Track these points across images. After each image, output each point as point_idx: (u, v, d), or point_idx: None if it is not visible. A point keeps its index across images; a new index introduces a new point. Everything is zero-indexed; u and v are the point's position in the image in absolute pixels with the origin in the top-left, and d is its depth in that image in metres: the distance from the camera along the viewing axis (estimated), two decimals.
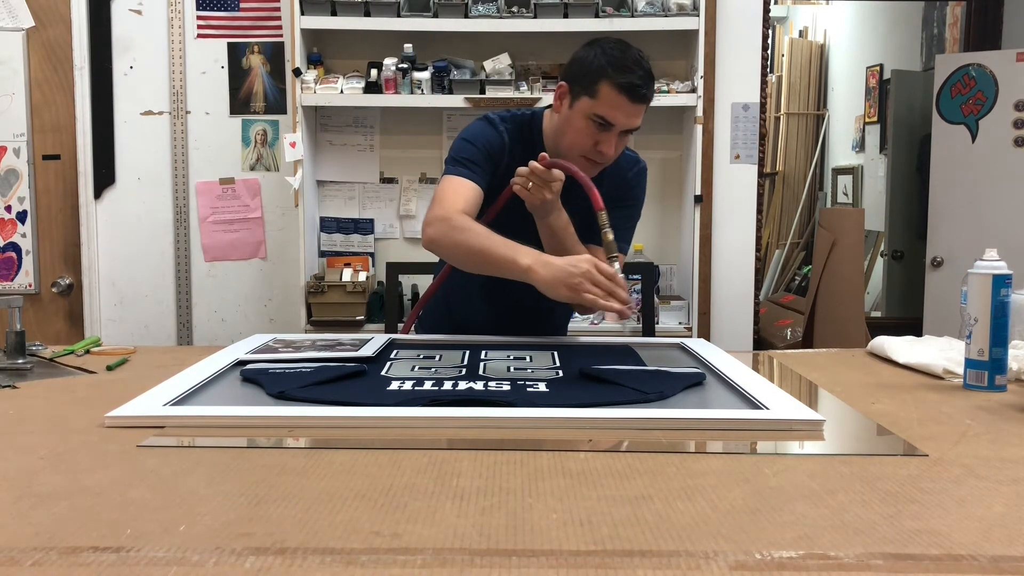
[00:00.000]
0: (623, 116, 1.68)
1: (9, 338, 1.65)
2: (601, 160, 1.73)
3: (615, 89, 1.66)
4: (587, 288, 1.48)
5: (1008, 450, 1.12)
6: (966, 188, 3.67)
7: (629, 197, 1.89)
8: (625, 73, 1.66)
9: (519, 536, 0.81)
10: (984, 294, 1.45)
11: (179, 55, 3.29)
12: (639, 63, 1.69)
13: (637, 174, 1.90)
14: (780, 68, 5.98)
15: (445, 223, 1.66)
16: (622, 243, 1.83)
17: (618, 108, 1.67)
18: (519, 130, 1.83)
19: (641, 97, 1.68)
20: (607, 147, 1.70)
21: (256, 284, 3.40)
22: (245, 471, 1.00)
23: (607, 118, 1.68)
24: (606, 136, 1.70)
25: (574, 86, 1.72)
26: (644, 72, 1.69)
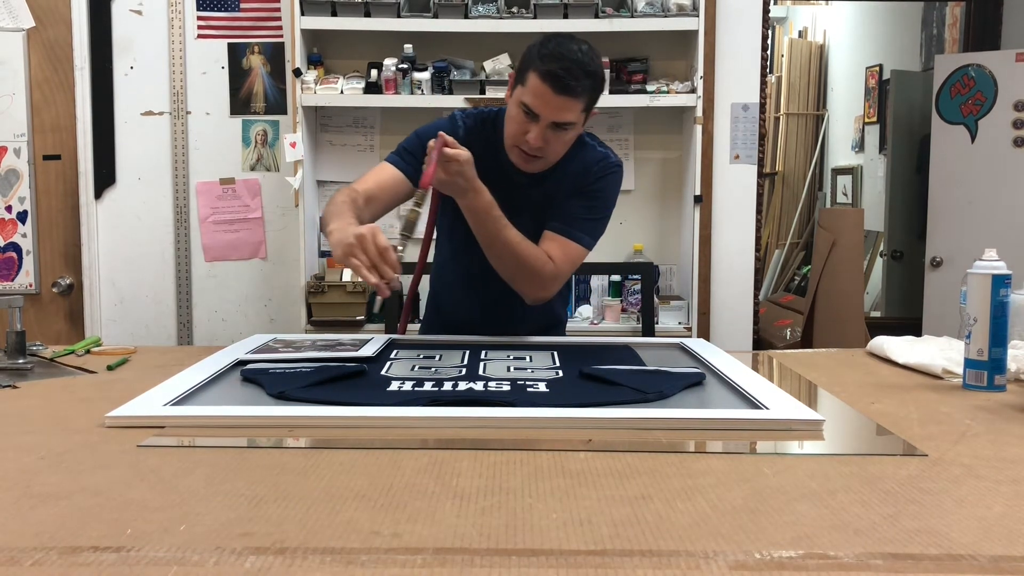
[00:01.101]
0: (546, 106, 1.66)
1: (9, 338, 1.65)
2: (528, 149, 1.71)
3: (539, 77, 1.65)
4: (355, 254, 1.45)
5: (1008, 450, 1.12)
6: (966, 188, 3.67)
7: (591, 188, 1.82)
8: (550, 62, 1.64)
9: (519, 536, 0.81)
10: (983, 294, 1.45)
11: (179, 55, 3.29)
12: (571, 56, 1.66)
13: (603, 167, 1.84)
14: (780, 68, 5.98)
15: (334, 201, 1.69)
16: (582, 235, 1.80)
17: (541, 97, 1.66)
18: (480, 126, 1.84)
19: (566, 88, 1.65)
20: (533, 137, 1.69)
21: (256, 284, 3.40)
22: (245, 471, 1.00)
23: (531, 106, 1.67)
24: (534, 126, 1.69)
25: (516, 75, 1.74)
26: (573, 64, 1.65)
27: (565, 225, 1.79)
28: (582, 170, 1.83)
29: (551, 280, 1.79)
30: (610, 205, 1.87)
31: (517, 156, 1.75)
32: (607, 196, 1.85)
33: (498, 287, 1.79)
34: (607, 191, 1.84)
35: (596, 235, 1.85)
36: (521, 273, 1.76)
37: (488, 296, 1.89)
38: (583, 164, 1.83)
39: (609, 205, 1.86)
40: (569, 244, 1.79)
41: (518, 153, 1.75)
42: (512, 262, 1.74)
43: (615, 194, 1.87)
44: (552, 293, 1.83)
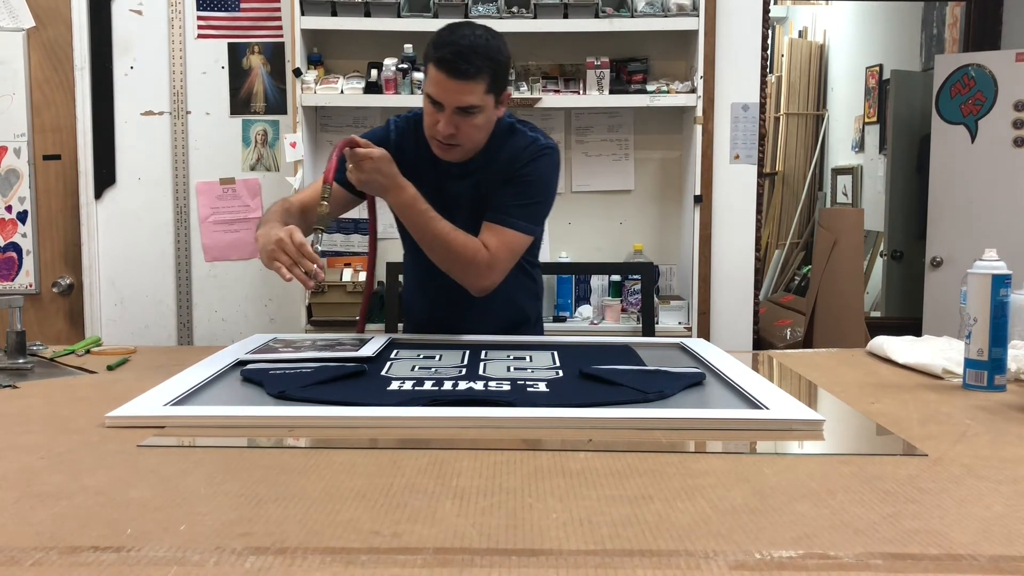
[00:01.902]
0: (445, 92, 1.70)
1: (9, 338, 1.65)
2: (440, 138, 1.75)
3: (434, 66, 1.70)
4: (277, 255, 1.54)
5: (1007, 450, 1.12)
6: (965, 188, 3.67)
7: (521, 173, 1.82)
8: (442, 50, 1.69)
9: (519, 536, 0.81)
10: (983, 294, 1.45)
11: (179, 55, 3.29)
12: (462, 41, 1.69)
13: (533, 151, 1.83)
14: (780, 68, 5.98)
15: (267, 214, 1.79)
16: (517, 221, 1.80)
17: (439, 84, 1.70)
18: (410, 126, 1.90)
19: (460, 72, 1.68)
20: (442, 126, 1.73)
21: (256, 284, 3.40)
22: (245, 471, 1.00)
23: (433, 95, 1.72)
24: (441, 115, 1.73)
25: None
26: (463, 48, 1.68)
27: (499, 213, 1.81)
28: (512, 157, 1.84)
29: (487, 268, 1.78)
30: (544, 188, 1.86)
31: (436, 147, 1.79)
32: (539, 179, 1.84)
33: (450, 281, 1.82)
34: (538, 174, 1.84)
35: (534, 219, 1.85)
36: (456, 263, 1.78)
37: (443, 291, 1.89)
38: (512, 151, 1.84)
39: (543, 188, 1.86)
40: (504, 231, 1.80)
41: (436, 144, 1.78)
42: (444, 253, 1.77)
43: (550, 176, 1.87)
44: (492, 282, 1.81)
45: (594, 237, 3.41)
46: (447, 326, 1.94)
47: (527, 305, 2.04)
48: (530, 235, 1.84)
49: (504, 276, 1.83)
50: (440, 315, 1.96)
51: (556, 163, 1.89)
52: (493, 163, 1.84)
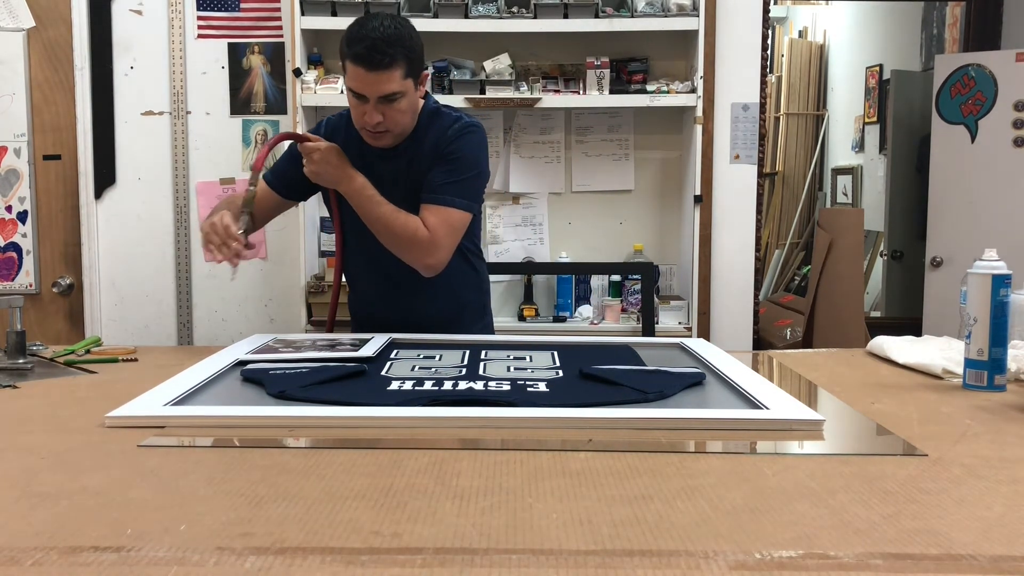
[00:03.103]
0: (366, 85, 1.79)
1: (10, 338, 1.65)
2: (371, 128, 1.84)
3: (351, 62, 1.79)
4: (206, 240, 1.73)
5: (1008, 450, 1.12)
6: (966, 188, 3.67)
7: (449, 151, 1.89)
8: (354, 46, 1.78)
9: (519, 536, 0.81)
10: (983, 294, 1.45)
11: (179, 55, 3.29)
12: (372, 34, 1.77)
13: (456, 130, 1.91)
14: (780, 68, 5.98)
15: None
16: (452, 198, 1.87)
17: (359, 79, 1.79)
18: (338, 120, 2.01)
19: (376, 64, 1.76)
20: (369, 117, 1.82)
21: (256, 284, 3.40)
22: (245, 471, 1.00)
23: (354, 89, 1.81)
24: (366, 107, 1.81)
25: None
26: (375, 40, 1.76)
27: (433, 193, 1.88)
28: (438, 137, 1.92)
29: (430, 245, 1.85)
30: (473, 164, 1.92)
31: (368, 137, 1.88)
32: (467, 155, 1.90)
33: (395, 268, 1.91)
34: (465, 150, 1.90)
35: (468, 195, 1.91)
36: (401, 243, 1.86)
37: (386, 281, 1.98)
38: (438, 131, 1.92)
39: (472, 164, 1.92)
40: (440, 210, 1.87)
41: (367, 134, 1.87)
42: (390, 235, 1.85)
43: (477, 152, 1.93)
44: (438, 260, 1.88)
45: (594, 237, 3.41)
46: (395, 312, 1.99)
47: (469, 295, 2.09)
48: (467, 211, 1.91)
49: (450, 253, 1.90)
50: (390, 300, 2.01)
51: (482, 140, 1.96)
52: (420, 143, 1.92)
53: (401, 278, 1.94)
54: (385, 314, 2.01)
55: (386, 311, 2.01)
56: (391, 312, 2.00)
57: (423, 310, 1.99)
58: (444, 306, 2.01)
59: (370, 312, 2.05)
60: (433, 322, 1.97)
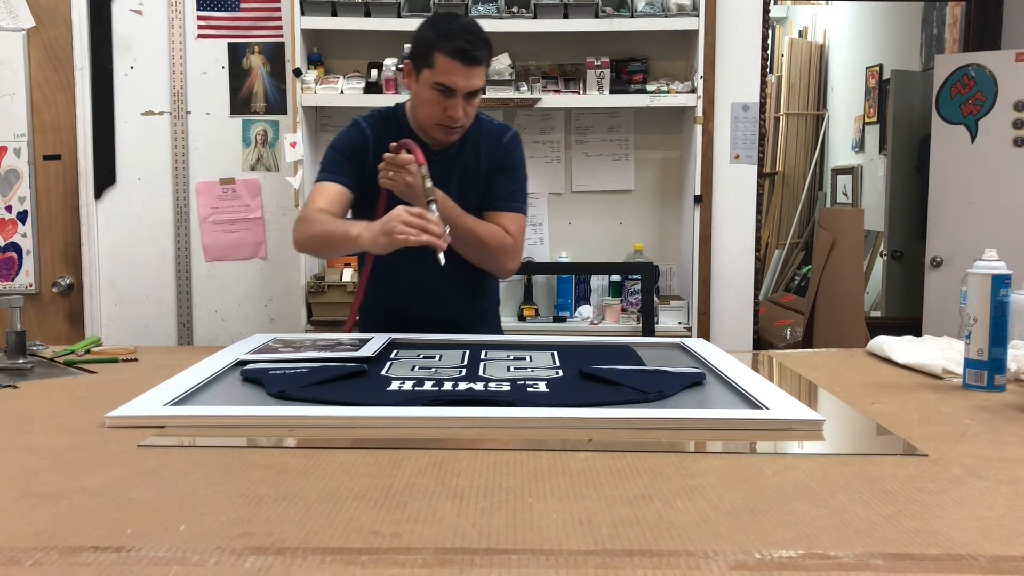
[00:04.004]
0: (460, 79, 1.82)
1: (9, 338, 1.65)
2: (452, 123, 1.87)
3: (447, 56, 1.81)
4: (400, 229, 1.65)
5: (1008, 450, 1.12)
6: (965, 188, 3.67)
7: (509, 161, 1.99)
8: (453, 40, 1.81)
9: (519, 536, 0.81)
10: (983, 294, 1.45)
11: (179, 55, 3.29)
12: (467, 29, 1.84)
13: (511, 139, 2.01)
14: (780, 68, 5.98)
15: (303, 222, 1.87)
16: (519, 204, 1.98)
17: (453, 73, 1.82)
18: (383, 123, 1.99)
19: (473, 59, 1.82)
20: (454, 111, 1.85)
21: (256, 284, 3.40)
22: (245, 471, 1.00)
23: (446, 84, 1.82)
24: (452, 101, 1.84)
25: (415, 62, 1.88)
26: (472, 36, 1.83)
27: (504, 201, 1.97)
28: (491, 142, 1.99)
29: (514, 251, 1.96)
30: (525, 171, 2.04)
31: (439, 133, 1.90)
32: (521, 163, 2.03)
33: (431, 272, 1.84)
34: (520, 158, 2.02)
35: (526, 201, 2.04)
36: (490, 251, 1.92)
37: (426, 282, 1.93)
38: (489, 136, 1.99)
39: (525, 171, 2.04)
40: (515, 216, 1.97)
41: (440, 130, 1.89)
42: (479, 243, 1.89)
43: (525, 159, 2.05)
44: (518, 263, 2.00)
45: (594, 237, 3.41)
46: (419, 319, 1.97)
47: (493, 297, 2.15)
48: (526, 216, 2.02)
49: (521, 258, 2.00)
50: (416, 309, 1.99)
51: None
52: (472, 145, 1.96)
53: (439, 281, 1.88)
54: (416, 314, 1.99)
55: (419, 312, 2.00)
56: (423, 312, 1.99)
57: (454, 311, 2.01)
58: (472, 307, 2.06)
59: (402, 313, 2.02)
60: (459, 323, 1.98)
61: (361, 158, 1.94)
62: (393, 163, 1.80)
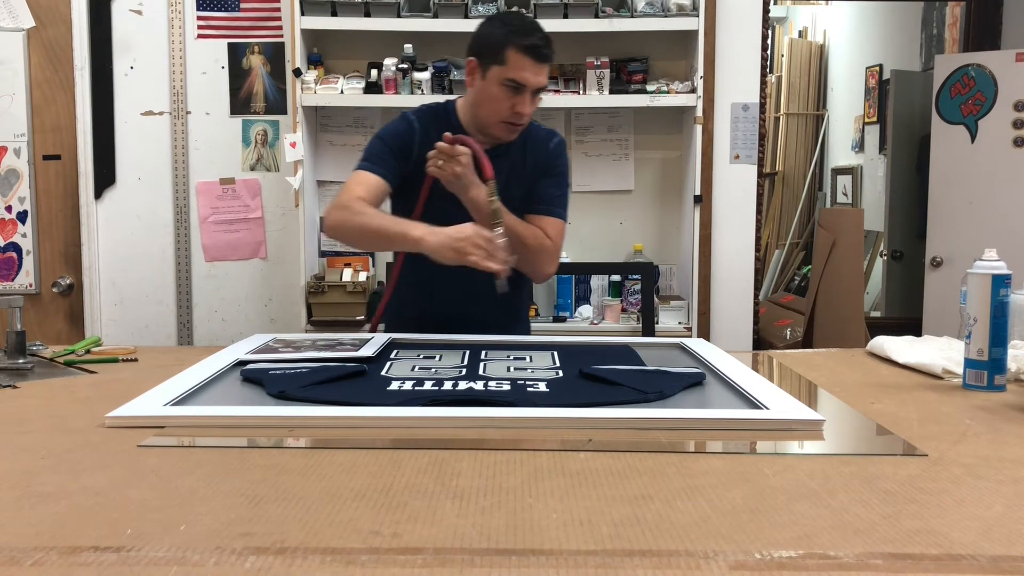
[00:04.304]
0: (532, 76, 1.84)
1: (9, 338, 1.65)
2: (519, 121, 1.89)
3: (521, 52, 1.82)
4: (470, 251, 1.66)
5: (1008, 450, 1.12)
6: (965, 188, 3.67)
7: (555, 166, 2.01)
8: (527, 37, 1.83)
9: (519, 536, 0.81)
10: (983, 294, 1.45)
11: (179, 55, 3.29)
12: (536, 27, 1.87)
13: (558, 144, 2.02)
14: (780, 68, 5.98)
15: (345, 210, 1.83)
16: (561, 210, 2.00)
17: (526, 69, 1.83)
18: (432, 117, 1.98)
19: (544, 57, 1.85)
20: (523, 107, 1.86)
21: (256, 284, 3.40)
22: (245, 471, 1.00)
23: (518, 80, 1.83)
24: (520, 98, 1.85)
25: (482, 59, 1.87)
26: (543, 35, 1.86)
27: (547, 205, 1.97)
28: (538, 145, 2.00)
29: (552, 255, 1.98)
30: (569, 178, 2.07)
31: (502, 130, 1.90)
32: (566, 170, 2.05)
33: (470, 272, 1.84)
34: (565, 165, 2.05)
35: (567, 207, 2.04)
36: (527, 254, 1.90)
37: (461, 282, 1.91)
38: (537, 139, 2.00)
39: (568, 177, 2.07)
40: (556, 221, 1.98)
41: (505, 128, 1.89)
42: (517, 246, 1.86)
43: (569, 166, 2.09)
44: (555, 268, 2.02)
45: (594, 237, 3.41)
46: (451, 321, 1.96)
47: (526, 300, 2.17)
48: (567, 222, 2.03)
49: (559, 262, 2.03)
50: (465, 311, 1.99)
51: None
52: (519, 148, 1.97)
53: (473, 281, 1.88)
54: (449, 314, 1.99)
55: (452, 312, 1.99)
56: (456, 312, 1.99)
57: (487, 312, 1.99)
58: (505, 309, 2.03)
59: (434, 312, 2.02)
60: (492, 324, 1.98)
61: (406, 151, 1.92)
62: (444, 152, 1.79)
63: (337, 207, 1.85)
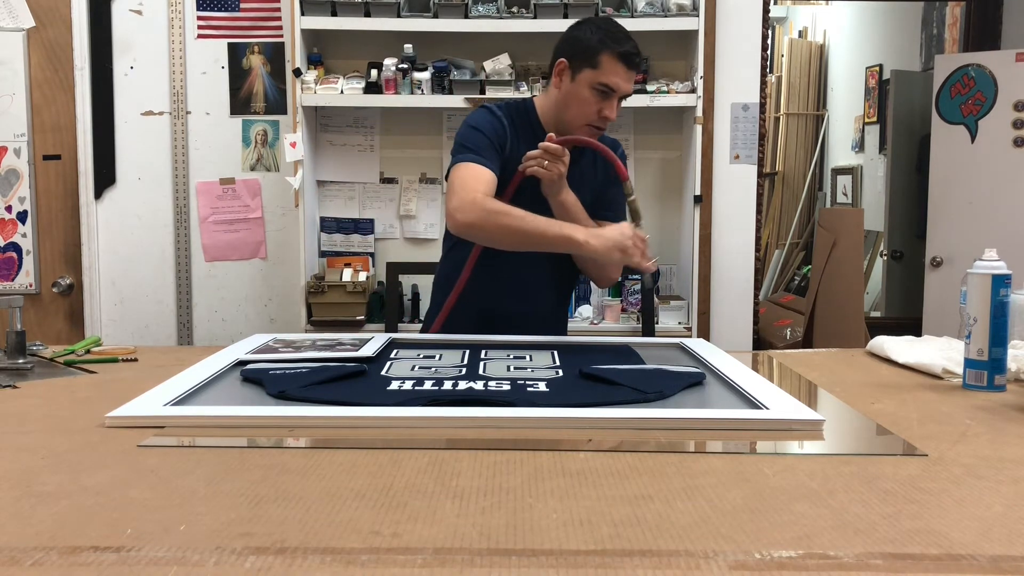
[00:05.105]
0: (623, 82, 1.86)
1: (9, 338, 1.65)
2: (604, 125, 1.91)
3: (615, 58, 1.84)
4: (634, 251, 1.73)
5: (1007, 450, 1.12)
6: (965, 188, 3.67)
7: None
8: (622, 43, 1.85)
9: (519, 536, 0.81)
10: (983, 294, 1.45)
11: (179, 55, 3.29)
12: (629, 36, 1.89)
13: (622, 154, 2.03)
14: (780, 68, 5.98)
15: (481, 208, 1.76)
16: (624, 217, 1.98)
17: (619, 75, 1.85)
18: (517, 115, 1.96)
19: (636, 65, 1.88)
20: (610, 112, 1.87)
21: (256, 284, 3.40)
22: (245, 471, 1.00)
23: (610, 85, 1.85)
24: (608, 103, 1.87)
25: (574, 61, 1.87)
26: (635, 43, 1.89)
27: (615, 213, 2.00)
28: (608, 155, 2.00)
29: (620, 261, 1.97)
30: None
31: (587, 133, 1.90)
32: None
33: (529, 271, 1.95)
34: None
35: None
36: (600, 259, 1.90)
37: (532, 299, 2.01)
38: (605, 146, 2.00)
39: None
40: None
41: (589, 131, 1.90)
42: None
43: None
44: (619, 277, 2.07)
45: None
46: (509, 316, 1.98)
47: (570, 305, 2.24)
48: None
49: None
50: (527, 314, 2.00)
51: None
52: (587, 155, 1.97)
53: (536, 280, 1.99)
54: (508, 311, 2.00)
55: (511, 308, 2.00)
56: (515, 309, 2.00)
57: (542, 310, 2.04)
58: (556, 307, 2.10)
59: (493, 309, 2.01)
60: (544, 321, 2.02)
61: (502, 145, 1.90)
62: (552, 152, 1.79)
63: (469, 205, 1.76)
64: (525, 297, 2.01)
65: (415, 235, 3.42)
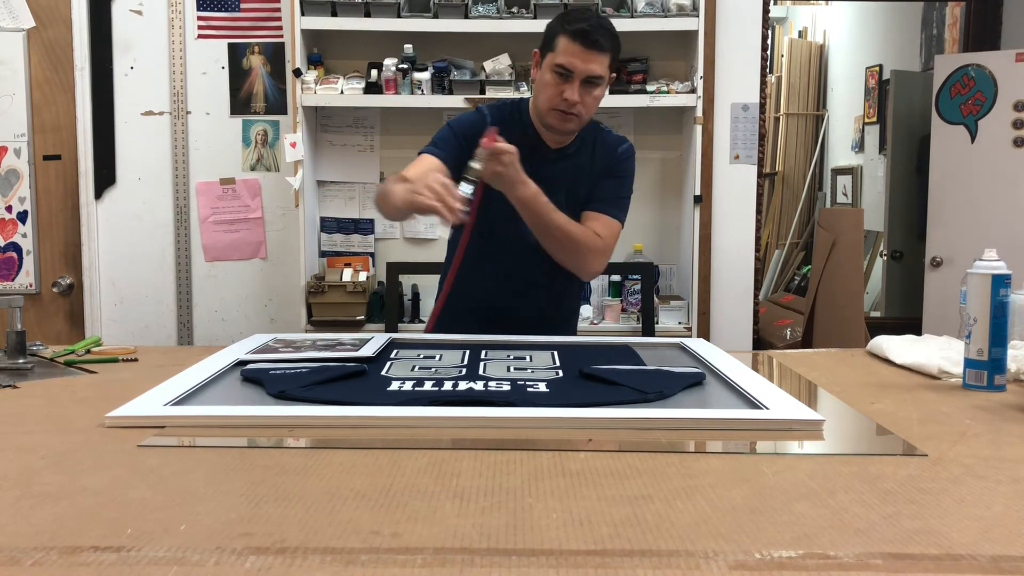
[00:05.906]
0: (579, 62, 1.82)
1: (10, 338, 1.65)
2: (569, 109, 1.85)
3: (568, 37, 1.82)
4: (422, 192, 1.57)
5: (1007, 450, 1.12)
6: (965, 188, 3.67)
7: (619, 168, 2.00)
8: (576, 23, 1.83)
9: (519, 536, 0.81)
10: (983, 294, 1.45)
11: (180, 55, 3.30)
12: (592, 17, 1.85)
13: (626, 150, 2.02)
14: (780, 68, 5.98)
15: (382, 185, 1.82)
16: (618, 211, 1.98)
17: (573, 55, 1.82)
18: (506, 113, 1.98)
19: (594, 43, 1.82)
20: (570, 94, 1.83)
21: (256, 284, 3.40)
22: (245, 471, 1.00)
23: (565, 65, 1.83)
24: (569, 85, 1.83)
25: (542, 50, 1.89)
26: (595, 22, 1.84)
27: (603, 204, 1.96)
28: (607, 151, 2.00)
29: (601, 254, 1.96)
30: (632, 185, 2.05)
31: (555, 119, 1.88)
32: (631, 176, 2.04)
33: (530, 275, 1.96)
34: (630, 171, 2.03)
35: (626, 211, 2.02)
36: (576, 249, 1.91)
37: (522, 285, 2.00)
38: (605, 144, 2.00)
39: (631, 185, 2.04)
40: (610, 220, 1.96)
41: (556, 115, 1.87)
42: (565, 242, 1.89)
43: (634, 173, 2.06)
44: (602, 265, 2.00)
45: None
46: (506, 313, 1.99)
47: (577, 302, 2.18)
48: (623, 224, 2.01)
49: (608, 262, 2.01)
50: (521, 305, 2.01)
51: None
52: (589, 150, 1.98)
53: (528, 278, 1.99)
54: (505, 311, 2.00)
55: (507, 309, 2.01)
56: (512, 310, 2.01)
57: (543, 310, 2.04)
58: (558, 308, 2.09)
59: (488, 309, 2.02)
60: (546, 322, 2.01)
61: (472, 141, 1.87)
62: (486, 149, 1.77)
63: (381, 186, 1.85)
64: (516, 291, 2.00)
65: (415, 235, 3.42)
